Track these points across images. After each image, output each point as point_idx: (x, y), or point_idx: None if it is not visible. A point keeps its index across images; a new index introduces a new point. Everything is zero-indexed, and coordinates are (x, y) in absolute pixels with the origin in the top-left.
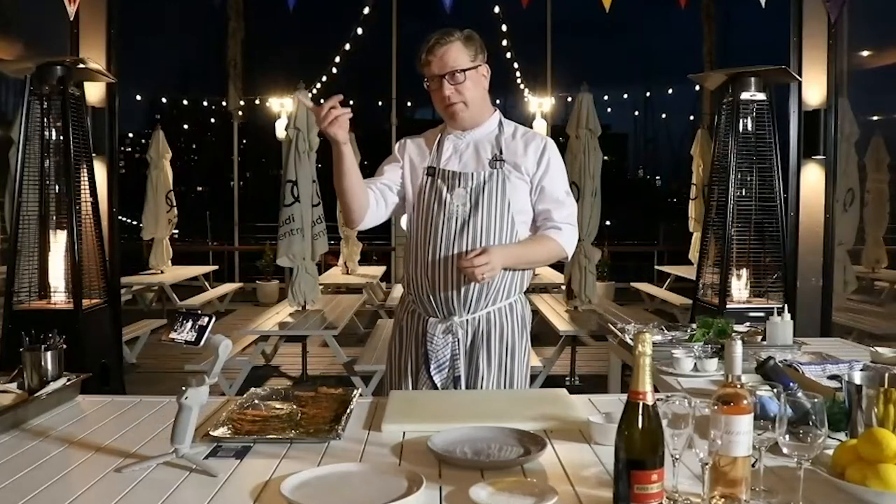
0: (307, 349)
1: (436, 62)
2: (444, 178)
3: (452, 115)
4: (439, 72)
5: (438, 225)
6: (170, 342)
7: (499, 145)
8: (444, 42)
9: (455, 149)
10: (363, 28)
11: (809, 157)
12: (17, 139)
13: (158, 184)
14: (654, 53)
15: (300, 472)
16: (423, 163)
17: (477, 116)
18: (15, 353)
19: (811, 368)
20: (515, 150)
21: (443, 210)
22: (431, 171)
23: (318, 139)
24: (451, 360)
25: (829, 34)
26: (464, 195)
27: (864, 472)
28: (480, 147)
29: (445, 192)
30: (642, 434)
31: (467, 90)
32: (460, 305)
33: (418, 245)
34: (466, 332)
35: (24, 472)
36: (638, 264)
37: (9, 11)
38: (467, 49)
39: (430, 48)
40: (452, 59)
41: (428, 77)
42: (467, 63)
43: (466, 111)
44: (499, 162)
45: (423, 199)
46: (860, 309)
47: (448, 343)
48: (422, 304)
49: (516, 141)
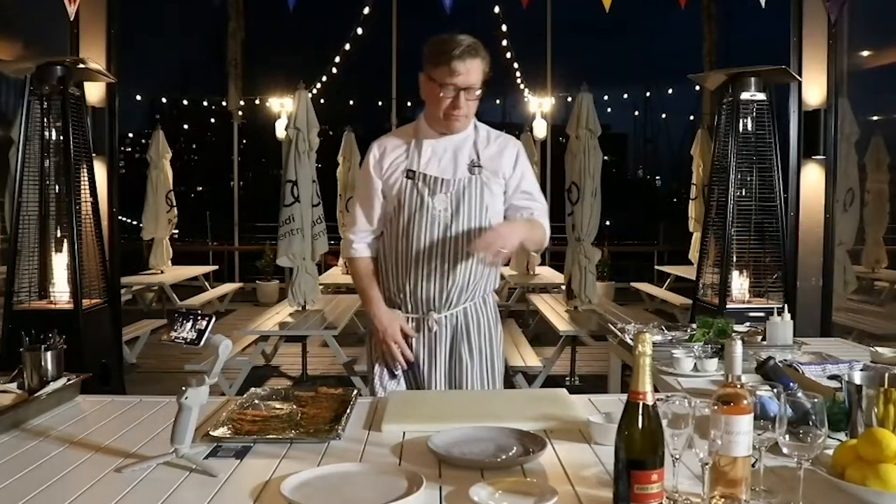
0: (307, 349)
1: (464, 73)
2: (426, 181)
3: (452, 125)
4: (464, 84)
5: (421, 227)
6: (170, 342)
7: (476, 150)
8: (473, 55)
9: (434, 151)
10: (363, 28)
11: (809, 157)
12: (17, 139)
13: (158, 184)
14: (654, 53)
15: (300, 472)
16: (402, 163)
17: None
18: (15, 353)
19: (811, 368)
20: (492, 155)
21: (425, 214)
22: (411, 175)
23: (318, 139)
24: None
25: (829, 34)
26: (445, 200)
27: (864, 472)
28: (458, 151)
29: (427, 196)
30: (642, 434)
31: (474, 105)
32: (441, 303)
33: (399, 245)
34: (445, 327)
35: (24, 472)
36: (638, 264)
37: (9, 11)
38: (484, 67)
39: (461, 56)
40: (476, 75)
41: (444, 84)
42: (482, 81)
43: (466, 123)
44: (477, 168)
45: (403, 200)
46: (860, 309)
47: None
48: (399, 300)
49: (491, 146)
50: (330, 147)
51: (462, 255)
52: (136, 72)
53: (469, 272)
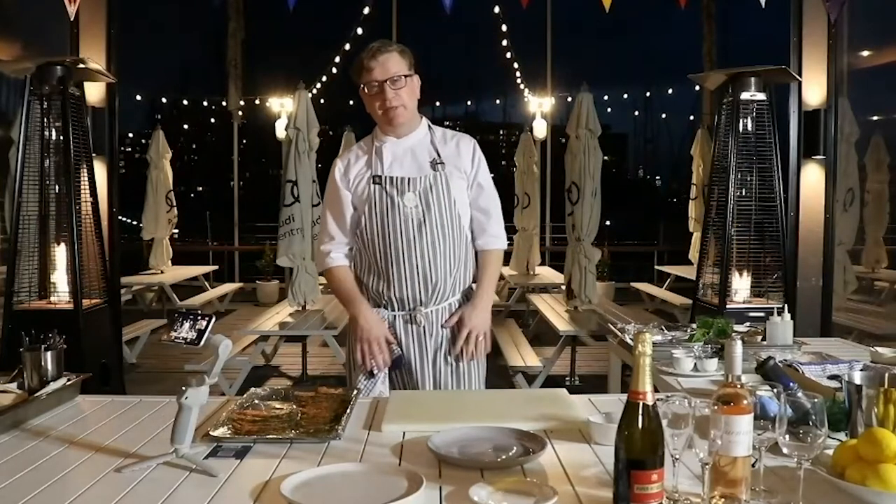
0: (307, 349)
1: (378, 68)
2: (393, 183)
3: (392, 119)
4: (382, 77)
5: (396, 228)
6: (170, 342)
7: (435, 149)
8: (384, 51)
9: (394, 155)
10: (363, 28)
11: (809, 157)
12: (17, 139)
13: (158, 184)
14: (654, 53)
15: (300, 472)
16: (366, 173)
17: (412, 122)
18: (15, 353)
19: (811, 368)
20: (451, 152)
21: (397, 214)
22: (378, 180)
23: (318, 139)
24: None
25: (829, 34)
26: (414, 198)
27: (864, 472)
28: (417, 151)
29: (396, 196)
30: (642, 434)
31: (406, 95)
32: (427, 297)
33: (376, 249)
34: (433, 323)
35: (24, 472)
36: (638, 264)
37: (9, 11)
38: (404, 60)
39: (372, 55)
40: (395, 66)
41: (367, 83)
42: (406, 71)
43: (406, 114)
44: (440, 165)
45: (374, 205)
46: (860, 309)
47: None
48: (384, 301)
49: (449, 144)
50: (330, 147)
51: (440, 248)
52: (136, 72)
53: (449, 263)
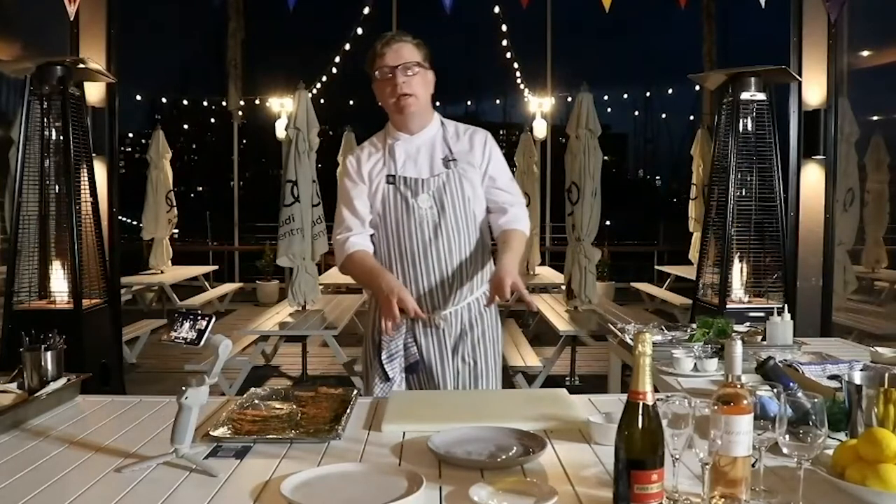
0: (307, 349)
1: (391, 54)
2: (407, 184)
3: (403, 108)
4: (394, 63)
5: (411, 230)
6: (170, 342)
7: (447, 145)
8: (399, 39)
9: (407, 153)
10: (363, 28)
11: (809, 157)
12: (17, 139)
13: (158, 184)
14: (654, 53)
15: (300, 472)
16: (380, 172)
17: (424, 115)
18: (15, 353)
19: (811, 368)
20: (463, 147)
21: (412, 216)
22: (392, 180)
23: (318, 139)
24: (404, 349)
25: (829, 34)
26: (428, 199)
27: (864, 472)
28: (430, 148)
29: (411, 198)
30: (642, 434)
31: (418, 85)
32: (445, 299)
33: (392, 251)
34: (452, 325)
35: (24, 472)
36: (638, 264)
37: (9, 11)
38: (418, 51)
39: (386, 42)
40: (408, 53)
41: (380, 68)
42: (419, 60)
43: (418, 105)
44: (452, 162)
45: (388, 206)
46: (860, 309)
47: (401, 333)
48: None
49: (462, 139)
50: (330, 147)
51: (456, 249)
52: (136, 72)
53: (466, 264)
